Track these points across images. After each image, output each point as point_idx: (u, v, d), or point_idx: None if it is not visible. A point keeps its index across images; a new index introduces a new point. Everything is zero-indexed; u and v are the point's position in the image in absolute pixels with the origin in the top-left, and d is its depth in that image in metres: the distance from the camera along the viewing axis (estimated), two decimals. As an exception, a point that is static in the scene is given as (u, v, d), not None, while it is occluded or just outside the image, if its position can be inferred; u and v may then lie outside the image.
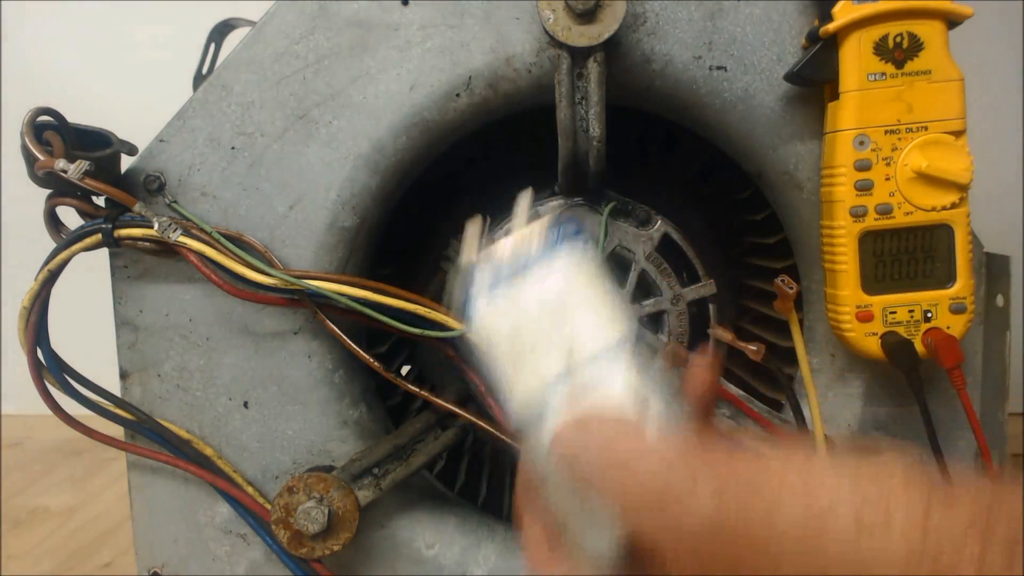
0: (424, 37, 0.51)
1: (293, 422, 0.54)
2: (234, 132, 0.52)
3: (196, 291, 0.53)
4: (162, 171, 0.52)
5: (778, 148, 0.51)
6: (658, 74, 0.51)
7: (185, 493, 0.55)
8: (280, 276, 0.50)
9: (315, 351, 0.54)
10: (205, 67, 0.71)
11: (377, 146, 0.52)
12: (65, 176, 0.47)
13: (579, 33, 0.46)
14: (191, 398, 0.54)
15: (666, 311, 0.54)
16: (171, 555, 0.56)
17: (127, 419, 0.53)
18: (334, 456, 0.55)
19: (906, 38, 0.46)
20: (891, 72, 0.46)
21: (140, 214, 0.50)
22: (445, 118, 0.52)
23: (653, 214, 0.54)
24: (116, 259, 0.53)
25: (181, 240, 0.50)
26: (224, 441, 0.54)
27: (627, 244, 0.54)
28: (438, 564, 0.55)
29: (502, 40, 0.50)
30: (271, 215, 0.52)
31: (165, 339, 0.54)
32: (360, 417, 0.55)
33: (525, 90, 0.51)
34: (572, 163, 0.50)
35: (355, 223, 0.53)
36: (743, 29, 0.50)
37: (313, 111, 0.52)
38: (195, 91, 0.53)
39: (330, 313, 0.51)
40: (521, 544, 0.33)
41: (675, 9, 0.50)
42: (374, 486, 0.52)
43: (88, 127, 0.52)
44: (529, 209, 0.37)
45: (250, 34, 0.52)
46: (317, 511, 0.50)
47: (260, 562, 0.55)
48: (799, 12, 0.50)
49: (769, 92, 0.51)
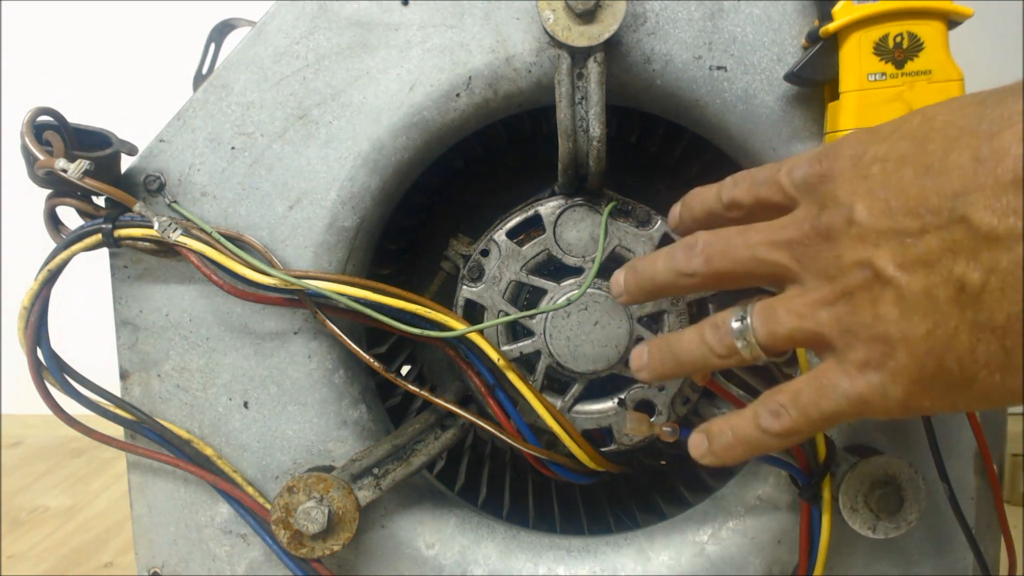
0: (424, 37, 0.51)
1: (293, 422, 0.54)
2: (234, 132, 0.52)
3: (196, 291, 0.53)
4: (162, 171, 0.52)
5: (778, 148, 0.51)
6: (658, 74, 0.51)
7: (185, 493, 0.55)
8: (280, 276, 0.50)
9: (315, 351, 0.54)
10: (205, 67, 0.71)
11: (377, 146, 0.52)
12: (65, 176, 0.47)
13: (579, 33, 0.46)
14: (191, 398, 0.54)
15: (666, 311, 0.54)
16: (171, 555, 0.56)
17: (127, 419, 0.54)
18: (334, 456, 0.55)
19: (906, 38, 0.46)
20: (891, 72, 0.46)
21: (140, 214, 0.50)
22: (445, 118, 0.52)
23: (653, 214, 0.54)
24: (116, 259, 0.53)
25: (181, 240, 0.50)
26: (224, 441, 0.54)
27: (627, 244, 0.54)
28: (438, 564, 0.55)
29: (502, 40, 0.50)
30: (271, 215, 0.52)
31: (165, 339, 0.54)
32: (360, 417, 0.55)
33: (525, 90, 0.51)
34: (572, 163, 0.50)
35: (355, 223, 0.53)
36: (743, 29, 0.50)
37: (313, 111, 0.52)
38: (195, 91, 0.53)
39: (330, 313, 0.51)
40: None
41: (675, 9, 0.50)
42: (374, 486, 0.52)
43: (88, 127, 0.52)
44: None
45: (250, 34, 0.52)
46: (317, 511, 0.50)
47: (260, 562, 0.55)
48: (799, 12, 0.50)
49: (769, 92, 0.51)
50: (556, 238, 0.54)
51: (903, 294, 0.31)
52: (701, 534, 0.56)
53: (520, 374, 0.53)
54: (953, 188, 0.30)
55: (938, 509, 0.53)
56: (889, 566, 0.54)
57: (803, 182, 0.37)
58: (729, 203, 0.41)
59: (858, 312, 0.33)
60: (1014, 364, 0.30)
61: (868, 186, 0.33)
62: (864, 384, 0.33)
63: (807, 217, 0.36)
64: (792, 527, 0.54)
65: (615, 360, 0.53)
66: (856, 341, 0.33)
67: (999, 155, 0.29)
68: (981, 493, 0.54)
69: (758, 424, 0.37)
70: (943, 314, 0.31)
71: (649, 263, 0.43)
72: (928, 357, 0.31)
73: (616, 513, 0.66)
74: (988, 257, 0.29)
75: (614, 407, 0.55)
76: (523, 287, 0.56)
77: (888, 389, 0.33)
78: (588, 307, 0.53)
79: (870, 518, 0.50)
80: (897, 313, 0.32)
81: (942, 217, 0.31)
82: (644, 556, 0.56)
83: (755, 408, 0.38)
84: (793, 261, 0.36)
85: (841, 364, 0.34)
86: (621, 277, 0.45)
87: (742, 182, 0.41)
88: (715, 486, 0.58)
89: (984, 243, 0.29)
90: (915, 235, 0.31)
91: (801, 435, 0.37)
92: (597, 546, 0.57)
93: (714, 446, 0.40)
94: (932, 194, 0.31)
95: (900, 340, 0.32)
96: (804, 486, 0.51)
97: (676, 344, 0.41)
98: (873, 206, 0.33)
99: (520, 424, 0.53)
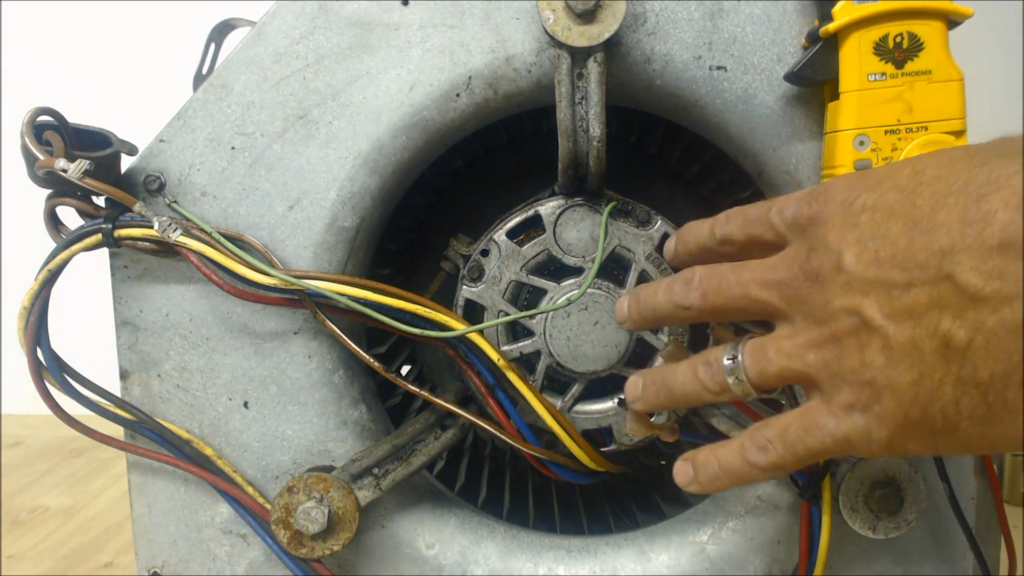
0: (424, 37, 0.51)
1: (293, 422, 0.54)
2: (234, 132, 0.52)
3: (196, 291, 0.53)
4: (162, 171, 0.52)
5: (778, 148, 0.51)
6: (658, 74, 0.51)
7: (185, 493, 0.55)
8: (280, 276, 0.50)
9: (315, 351, 0.54)
10: (205, 67, 0.71)
11: (377, 146, 0.52)
12: (65, 176, 0.47)
13: (579, 33, 0.46)
14: (191, 398, 0.54)
15: (666, 311, 0.54)
16: (171, 555, 0.56)
17: (127, 419, 0.53)
18: (334, 456, 0.55)
19: (906, 38, 0.46)
20: (891, 72, 0.46)
21: (140, 214, 0.50)
22: (445, 118, 0.52)
23: (653, 214, 0.54)
24: (116, 259, 0.53)
25: (181, 240, 0.50)
26: (224, 441, 0.54)
27: (627, 244, 0.54)
28: (438, 564, 0.55)
29: (502, 40, 0.50)
30: (271, 215, 0.52)
31: (165, 339, 0.54)
32: (360, 417, 0.55)
33: (525, 90, 0.51)
34: (572, 163, 0.50)
35: (355, 223, 0.53)
36: (743, 29, 0.50)
37: (313, 111, 0.52)
38: (195, 91, 0.53)
39: (330, 313, 0.51)
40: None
41: (675, 9, 0.50)
42: (374, 486, 0.52)
43: (88, 127, 0.52)
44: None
45: (250, 34, 0.52)
46: (317, 511, 0.50)
47: (260, 562, 0.55)
48: (799, 12, 0.50)
49: (769, 92, 0.51)
50: (556, 238, 0.54)
51: (889, 343, 0.33)
52: (701, 534, 0.56)
53: (520, 374, 0.53)
54: (941, 246, 0.32)
55: (938, 509, 0.53)
56: (889, 566, 0.54)
57: (794, 222, 0.38)
58: (722, 239, 0.43)
59: (845, 357, 0.34)
60: (995, 417, 0.31)
61: (857, 234, 0.34)
62: (849, 425, 0.35)
63: (796, 259, 0.37)
64: (792, 527, 0.54)
65: (615, 360, 0.53)
66: (843, 384, 0.35)
67: (986, 218, 0.31)
68: (981, 493, 0.54)
69: (745, 457, 0.39)
70: (928, 365, 0.32)
71: (651, 294, 0.45)
72: (913, 405, 0.33)
73: (616, 513, 0.66)
74: (974, 316, 0.31)
75: (614, 407, 0.55)
76: (523, 287, 0.56)
77: (872, 432, 0.34)
78: (588, 307, 0.53)
79: (870, 518, 0.50)
80: (883, 360, 0.33)
81: (929, 272, 0.32)
82: (644, 556, 0.56)
83: (742, 441, 0.39)
84: (782, 301, 0.37)
85: (828, 404, 0.36)
86: (625, 305, 0.47)
87: (734, 219, 0.42)
88: (715, 486, 0.58)
89: (970, 303, 0.31)
90: (902, 288, 0.32)
91: (786, 469, 0.38)
92: (597, 546, 0.57)
93: (700, 476, 0.41)
94: (920, 249, 0.32)
95: (886, 387, 0.33)
96: (804, 486, 0.51)
97: (671, 379, 0.43)
98: (862, 255, 0.34)
99: (520, 424, 0.53)
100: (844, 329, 0.34)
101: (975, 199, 0.31)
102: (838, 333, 0.35)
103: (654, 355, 0.55)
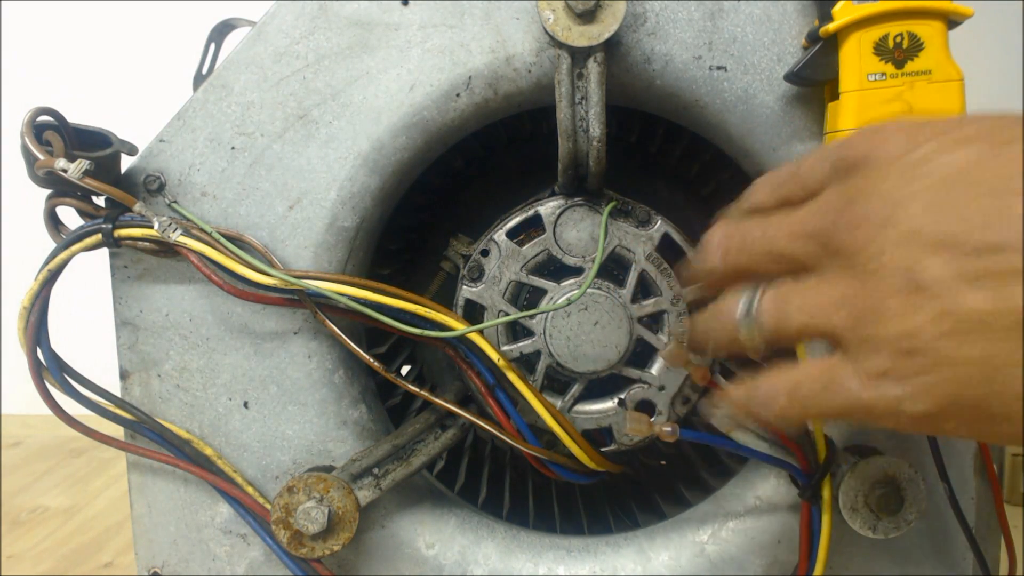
0: (424, 37, 0.51)
1: (293, 422, 0.54)
2: (234, 132, 0.52)
3: (196, 291, 0.53)
4: (162, 171, 0.52)
5: (778, 148, 0.51)
6: (658, 74, 0.51)
7: (185, 493, 0.55)
8: (280, 276, 0.50)
9: (315, 351, 0.54)
10: (205, 67, 0.71)
11: (377, 146, 0.52)
12: (65, 176, 0.47)
13: (579, 33, 0.46)
14: (191, 398, 0.54)
15: (666, 311, 0.54)
16: (171, 555, 0.56)
17: (127, 419, 0.53)
18: (334, 456, 0.55)
19: (906, 38, 0.46)
20: (891, 72, 0.46)
21: (140, 214, 0.50)
22: (445, 118, 0.52)
23: (653, 214, 0.54)
24: (116, 259, 0.53)
25: (181, 240, 0.50)
26: (224, 441, 0.54)
27: (627, 244, 0.54)
28: (438, 564, 0.55)
29: (502, 40, 0.50)
30: (271, 215, 0.52)
31: (165, 339, 0.54)
32: (360, 417, 0.55)
33: (525, 90, 0.51)
34: (572, 163, 0.50)
35: (355, 223, 0.53)
36: (743, 29, 0.50)
37: (313, 111, 0.52)
38: (195, 91, 0.53)
39: (330, 313, 0.51)
40: None
41: (675, 9, 0.50)
42: (374, 486, 0.52)
43: (88, 127, 0.52)
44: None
45: (250, 34, 0.52)
46: (317, 511, 0.50)
47: (260, 562, 0.55)
48: (799, 12, 0.50)
49: (769, 92, 0.51)
50: (556, 238, 0.54)
51: (952, 311, 0.29)
52: (701, 534, 0.56)
53: (520, 374, 0.53)
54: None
55: (938, 509, 0.53)
56: (889, 566, 0.54)
57: (840, 164, 0.34)
58: (751, 209, 0.39)
59: (886, 319, 0.30)
60: None
61: (926, 183, 0.30)
62: (875, 394, 0.31)
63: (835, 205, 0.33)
64: (792, 527, 0.54)
65: (615, 360, 0.53)
66: (878, 348, 0.31)
67: None
68: (981, 493, 0.54)
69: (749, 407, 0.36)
70: (1000, 342, 0.28)
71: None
72: (969, 384, 0.29)
73: (616, 513, 0.66)
74: None
75: (614, 407, 0.55)
76: (523, 287, 0.56)
77: (906, 404, 0.30)
78: (588, 307, 0.53)
79: (870, 518, 0.50)
80: (940, 330, 0.29)
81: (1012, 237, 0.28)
82: (644, 556, 0.56)
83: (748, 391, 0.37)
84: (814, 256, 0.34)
85: (854, 365, 0.32)
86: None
87: (762, 185, 0.39)
88: (715, 486, 0.58)
89: None
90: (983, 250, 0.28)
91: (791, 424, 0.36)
92: (597, 546, 0.57)
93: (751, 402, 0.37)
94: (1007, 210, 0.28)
95: (939, 360, 0.29)
96: (804, 486, 0.51)
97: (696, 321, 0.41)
98: (931, 207, 0.30)
99: (520, 424, 0.53)
100: (891, 287, 0.30)
101: None
102: (882, 291, 0.30)
103: (654, 355, 0.55)
